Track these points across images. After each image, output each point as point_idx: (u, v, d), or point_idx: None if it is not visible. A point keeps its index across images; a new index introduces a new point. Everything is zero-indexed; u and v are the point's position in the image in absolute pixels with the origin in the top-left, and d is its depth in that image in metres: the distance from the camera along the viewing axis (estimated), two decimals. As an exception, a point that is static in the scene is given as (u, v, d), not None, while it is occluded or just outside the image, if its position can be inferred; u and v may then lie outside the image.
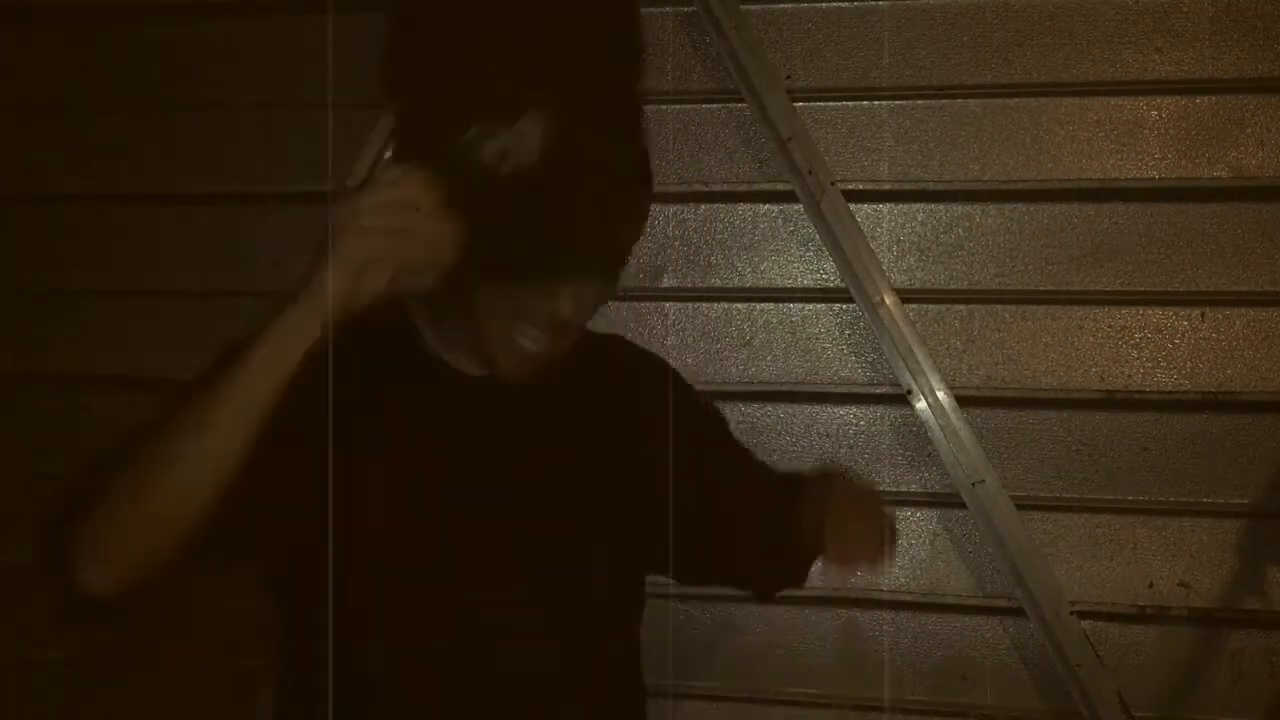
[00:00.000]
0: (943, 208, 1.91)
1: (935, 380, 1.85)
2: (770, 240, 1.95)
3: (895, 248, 1.92)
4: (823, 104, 1.93)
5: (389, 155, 1.07)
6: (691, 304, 1.97)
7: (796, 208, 1.93)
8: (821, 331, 1.95)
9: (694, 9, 1.93)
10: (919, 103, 1.91)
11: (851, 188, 1.89)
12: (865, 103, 1.93)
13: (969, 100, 1.90)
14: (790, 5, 1.94)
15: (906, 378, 1.86)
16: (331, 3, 2.02)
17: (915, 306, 1.89)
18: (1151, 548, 1.87)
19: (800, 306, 1.95)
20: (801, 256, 1.95)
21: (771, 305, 1.96)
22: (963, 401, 1.86)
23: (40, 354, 2.12)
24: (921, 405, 1.86)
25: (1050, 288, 1.89)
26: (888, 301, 1.86)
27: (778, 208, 1.95)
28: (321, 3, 2.02)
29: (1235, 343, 1.85)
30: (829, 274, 1.93)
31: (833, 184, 1.87)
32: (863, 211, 1.90)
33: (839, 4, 1.93)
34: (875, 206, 1.92)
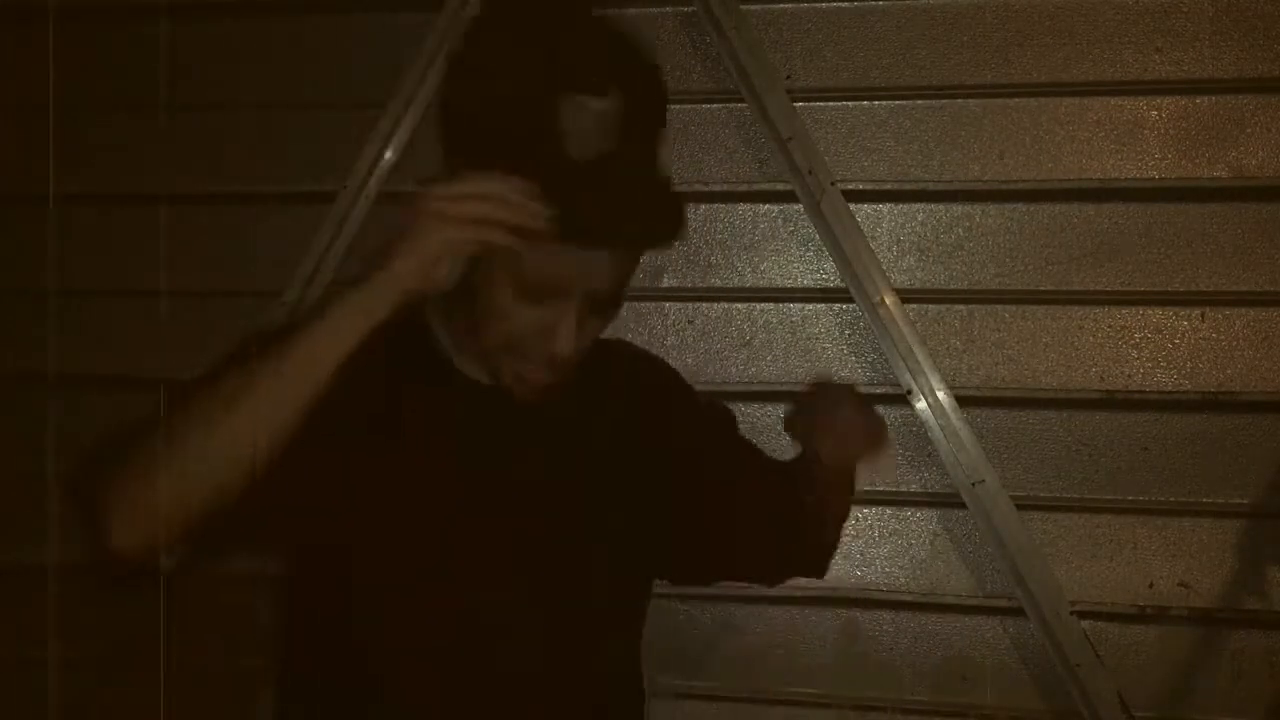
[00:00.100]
0: (943, 208, 1.91)
1: (935, 380, 1.86)
2: (770, 240, 1.95)
3: (895, 248, 1.92)
4: (823, 104, 1.93)
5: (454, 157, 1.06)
6: (691, 304, 1.97)
7: (796, 208, 1.93)
8: (821, 331, 1.95)
9: (694, 9, 1.93)
10: (919, 103, 1.91)
11: (851, 188, 1.89)
12: (865, 103, 1.93)
13: (969, 100, 1.90)
14: (790, 5, 1.94)
15: (906, 378, 1.86)
16: (332, 3, 2.03)
17: (915, 306, 1.89)
18: (1151, 548, 1.87)
19: (800, 306, 1.95)
20: (801, 256, 1.95)
21: (771, 305, 1.96)
22: (963, 401, 1.86)
23: (40, 354, 2.12)
24: (921, 405, 1.86)
25: (1050, 288, 1.89)
26: (888, 301, 1.86)
27: (778, 208, 1.95)
28: (322, 3, 2.03)
29: (1235, 343, 1.85)
30: (829, 274, 1.93)
31: (833, 184, 1.88)
32: (863, 211, 1.90)
33: (839, 4, 1.93)
34: (875, 206, 1.92)
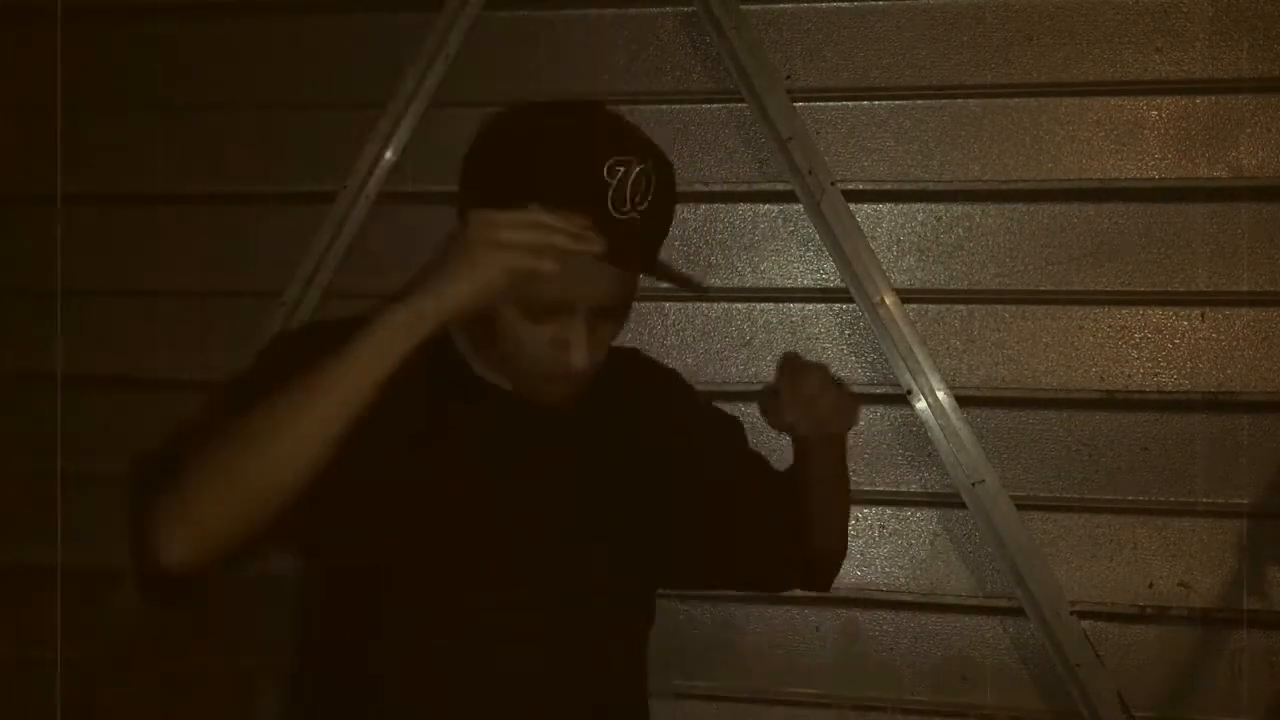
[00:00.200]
0: (943, 208, 1.91)
1: (935, 380, 1.86)
2: (770, 240, 1.95)
3: (895, 248, 1.92)
4: (823, 104, 1.93)
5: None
6: (691, 304, 1.97)
7: (796, 208, 1.93)
8: (821, 331, 1.95)
9: (694, 9, 1.93)
10: (919, 103, 1.91)
11: (851, 188, 1.89)
12: (865, 103, 1.93)
13: (969, 100, 1.90)
14: (790, 5, 1.94)
15: (906, 378, 1.86)
16: (332, 3, 2.03)
17: (915, 306, 1.89)
18: (1151, 548, 1.87)
19: (800, 306, 1.95)
20: (801, 256, 1.95)
21: (771, 305, 1.96)
22: (963, 401, 1.86)
23: (40, 354, 2.12)
24: (921, 405, 1.86)
25: (1050, 288, 1.89)
26: (888, 301, 1.86)
27: (778, 208, 1.95)
28: (321, 3, 2.03)
29: (1235, 343, 1.85)
30: (829, 274, 1.93)
31: (833, 184, 1.87)
32: (863, 211, 1.90)
33: (839, 4, 1.93)
34: (875, 206, 1.92)
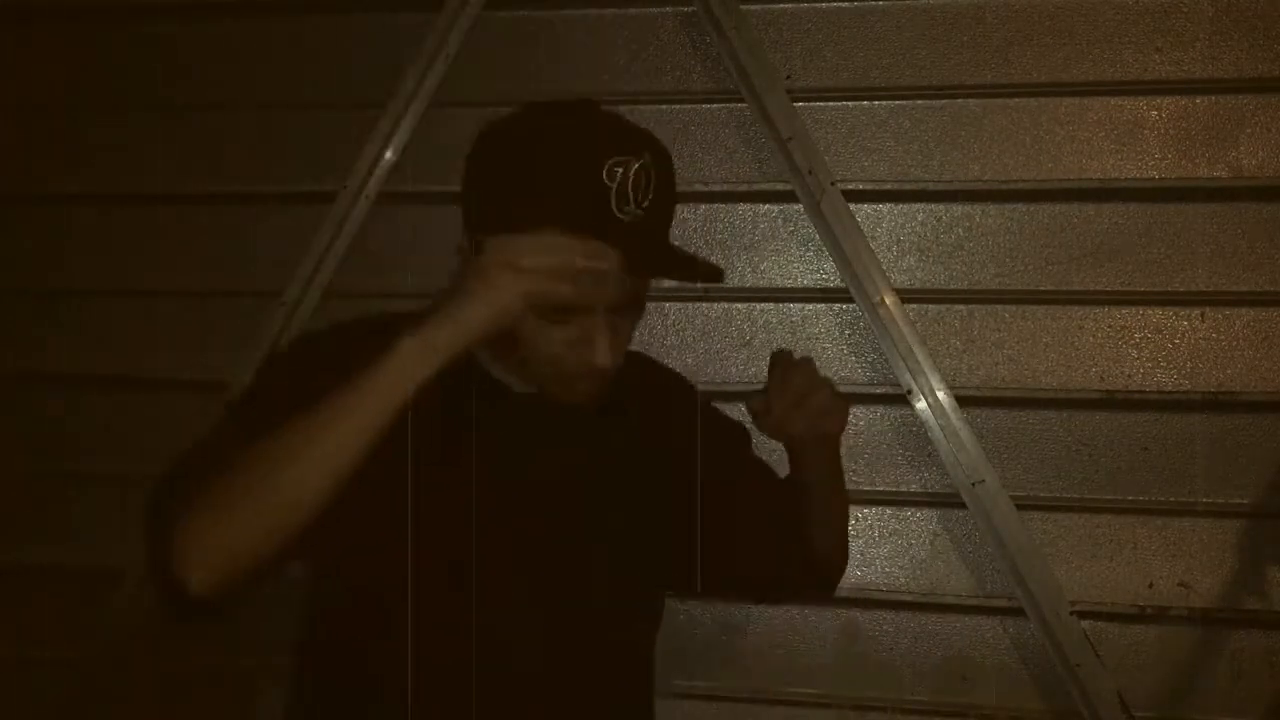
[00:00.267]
0: (943, 208, 1.91)
1: (935, 380, 1.86)
2: (770, 240, 1.95)
3: (895, 248, 1.92)
4: (823, 104, 1.93)
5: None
6: (691, 304, 1.97)
7: (796, 208, 1.93)
8: (821, 331, 1.95)
9: (694, 9, 1.93)
10: (919, 103, 1.91)
11: (851, 188, 1.89)
12: (865, 103, 1.93)
13: (969, 100, 1.90)
14: (790, 5, 1.94)
15: (906, 378, 1.86)
16: (332, 3, 2.03)
17: (915, 306, 1.89)
18: (1151, 548, 1.87)
19: (800, 306, 1.95)
20: (801, 256, 1.95)
21: (771, 305, 1.96)
22: (963, 401, 1.86)
23: (40, 354, 2.12)
24: (921, 405, 1.86)
25: (1050, 288, 1.89)
26: (888, 301, 1.86)
27: (778, 208, 1.95)
28: (321, 3, 2.03)
29: (1235, 343, 1.85)
30: (829, 274, 1.93)
31: (833, 184, 1.88)
32: (863, 211, 1.90)
33: (839, 4, 1.93)
34: (875, 206, 1.92)
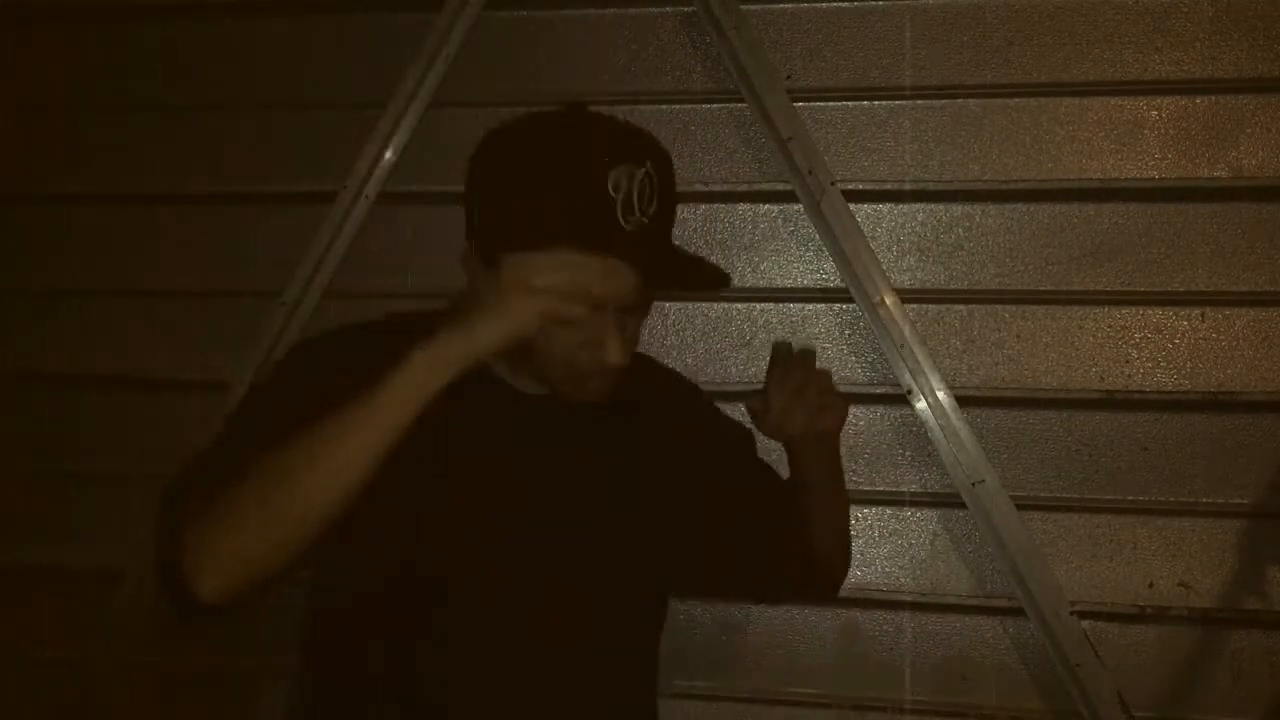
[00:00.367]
0: (943, 208, 1.91)
1: (935, 380, 1.86)
2: (770, 240, 1.95)
3: (895, 248, 1.92)
4: (823, 104, 1.93)
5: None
6: (691, 304, 1.97)
7: (796, 208, 1.93)
8: (821, 331, 1.95)
9: (694, 9, 1.93)
10: (918, 102, 1.91)
11: (851, 188, 1.89)
12: (865, 103, 1.93)
13: (969, 100, 1.90)
14: (790, 5, 1.94)
15: (906, 378, 1.86)
16: (332, 3, 2.03)
17: (915, 306, 1.89)
18: (1151, 548, 1.87)
19: (800, 306, 1.95)
20: (801, 256, 1.95)
21: (771, 305, 1.96)
22: (963, 401, 1.86)
23: (40, 354, 2.12)
24: (921, 405, 1.86)
25: (1050, 288, 1.89)
26: (888, 301, 1.86)
27: (778, 208, 1.95)
28: (321, 3, 2.03)
29: (1235, 343, 1.85)
30: (829, 274, 1.93)
31: (833, 184, 1.87)
32: (863, 211, 1.90)
33: (839, 4, 1.93)
34: (875, 206, 1.92)
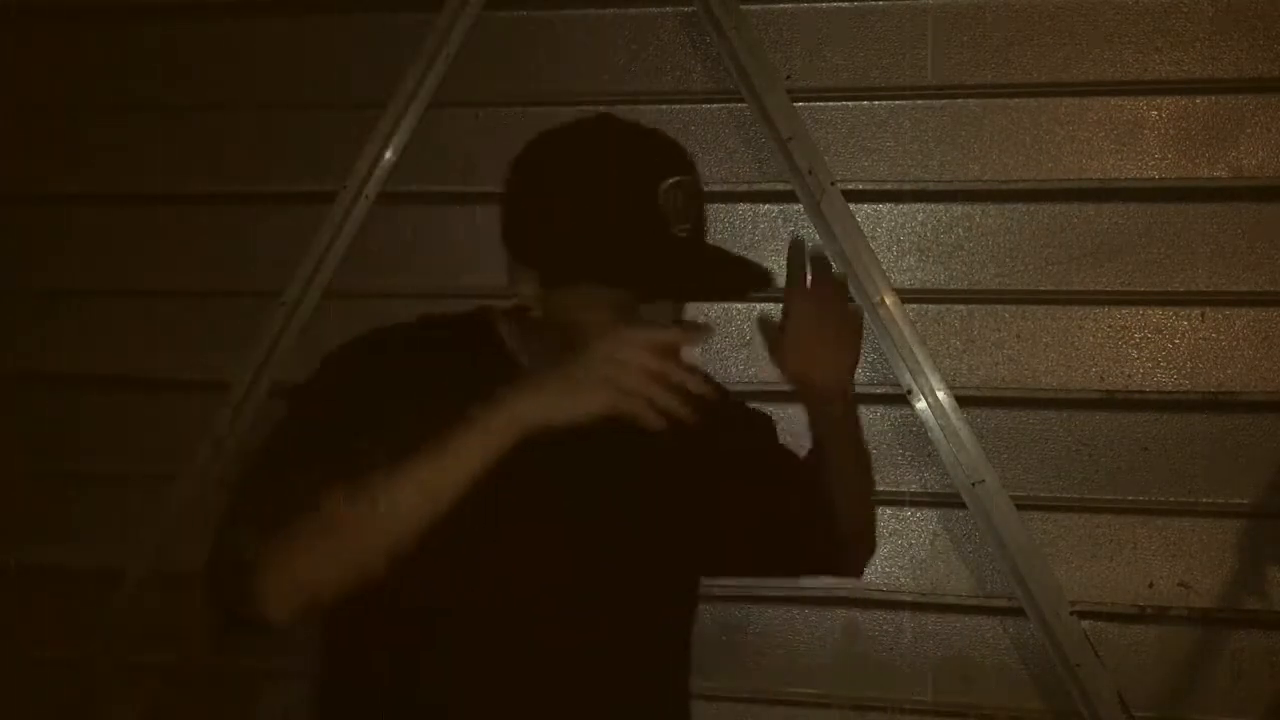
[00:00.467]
0: (943, 208, 1.91)
1: (935, 380, 1.86)
2: (770, 240, 1.95)
3: (895, 248, 1.92)
4: (823, 104, 1.93)
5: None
6: (691, 304, 1.96)
7: (796, 208, 1.93)
8: (821, 331, 1.94)
9: (694, 9, 1.93)
10: (919, 103, 1.91)
11: (851, 188, 1.89)
12: (865, 103, 1.93)
13: (969, 100, 1.90)
14: (790, 5, 1.94)
15: (906, 378, 1.86)
16: (332, 3, 2.03)
17: (915, 306, 1.89)
18: (1151, 548, 1.87)
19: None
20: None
21: (772, 305, 1.95)
22: (963, 401, 1.86)
23: (40, 354, 2.12)
24: (921, 405, 1.86)
25: (1050, 288, 1.89)
26: (888, 301, 1.86)
27: (778, 208, 1.95)
28: (321, 3, 2.03)
29: (1235, 343, 1.85)
30: (829, 274, 1.93)
31: (833, 184, 1.87)
32: (863, 211, 1.90)
33: (839, 4, 1.93)
34: (875, 206, 1.92)
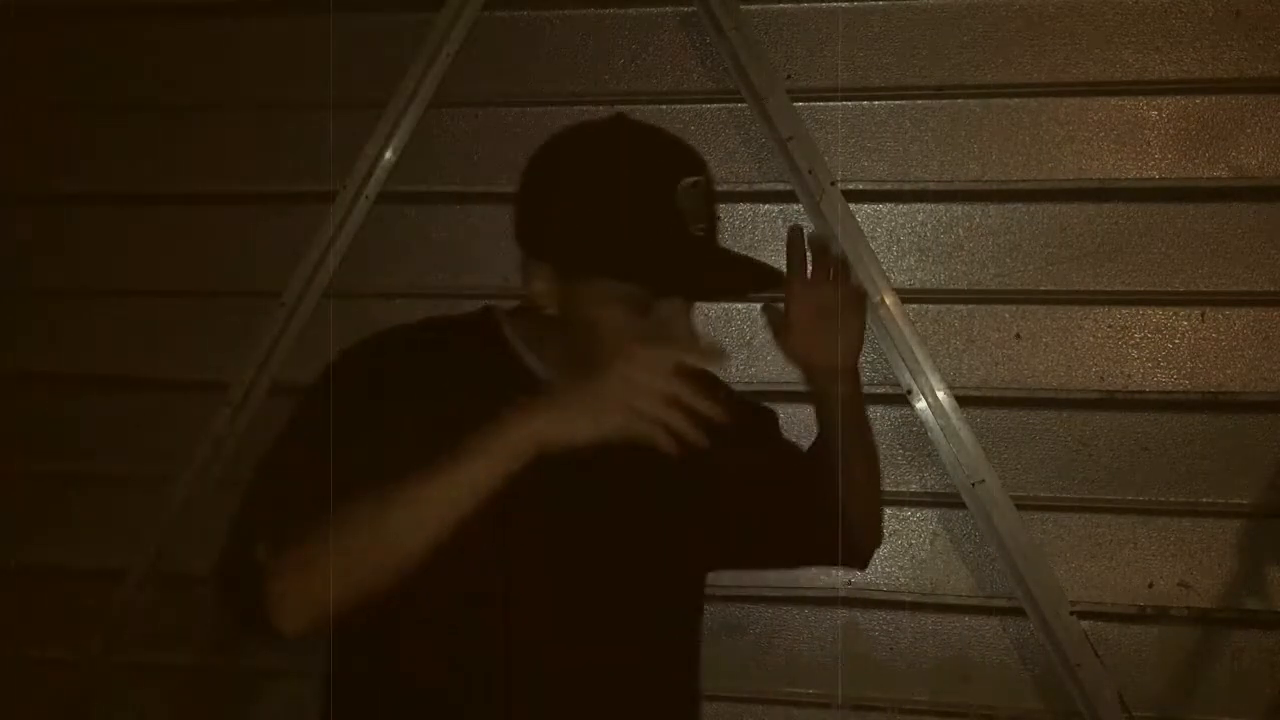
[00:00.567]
0: (943, 208, 1.91)
1: (935, 380, 1.86)
2: (770, 240, 1.95)
3: (895, 248, 1.92)
4: (823, 104, 1.93)
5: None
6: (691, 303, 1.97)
7: (796, 208, 1.92)
8: (821, 331, 1.94)
9: (694, 9, 1.93)
10: (919, 103, 1.91)
11: (851, 188, 1.89)
12: (865, 103, 1.93)
13: (969, 100, 1.90)
14: (790, 5, 1.94)
15: (906, 378, 1.86)
16: (332, 3, 2.03)
17: (915, 306, 1.89)
18: (1151, 548, 1.87)
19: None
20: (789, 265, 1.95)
21: (775, 300, 1.96)
22: (963, 401, 1.86)
23: (40, 354, 2.12)
24: (921, 405, 1.86)
25: (1050, 288, 1.89)
26: (888, 301, 1.86)
27: (778, 208, 1.95)
28: (322, 3, 2.03)
29: (1235, 343, 1.85)
30: (829, 274, 1.93)
31: (833, 184, 1.87)
32: (863, 211, 1.90)
33: (839, 4, 1.93)
34: (875, 206, 1.92)
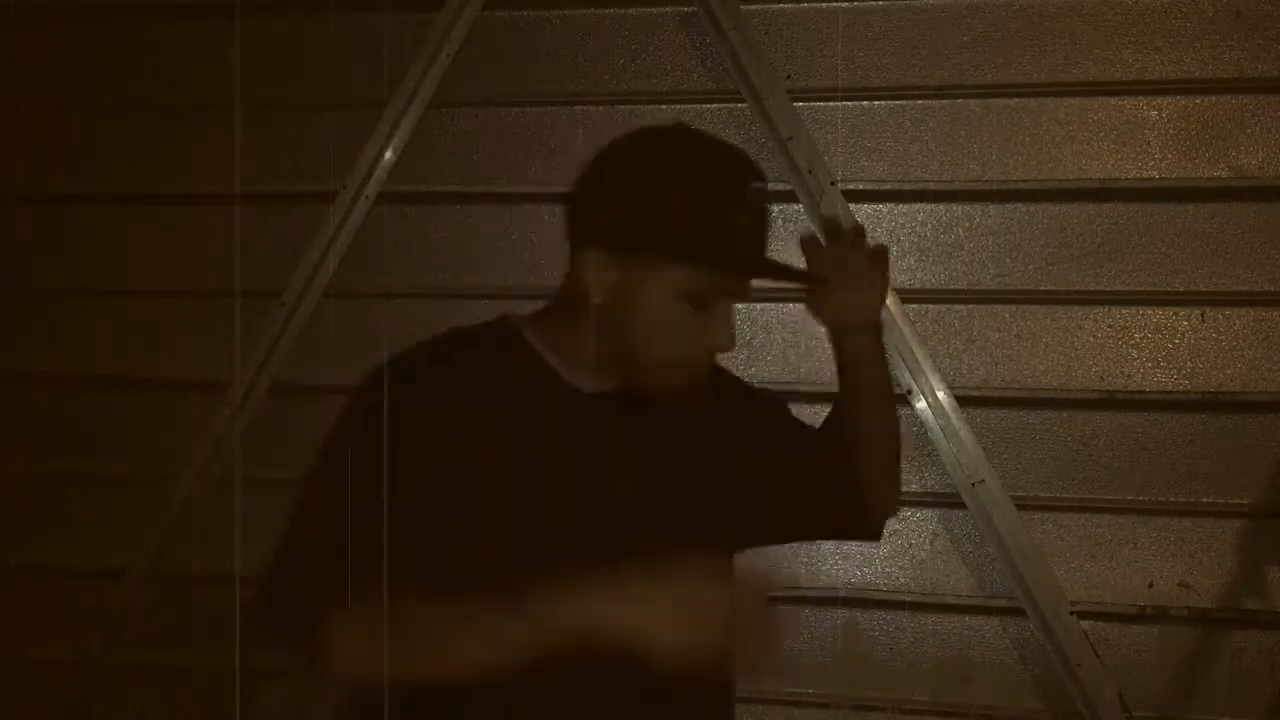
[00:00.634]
0: (943, 208, 1.91)
1: (935, 380, 1.86)
2: (770, 241, 1.95)
3: (895, 248, 1.92)
4: (823, 104, 1.93)
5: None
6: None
7: (796, 208, 1.93)
8: (821, 331, 1.93)
9: (694, 9, 1.93)
10: (919, 103, 1.91)
11: (851, 188, 1.89)
12: (865, 103, 1.93)
13: (969, 100, 1.90)
14: (790, 5, 1.94)
15: (906, 378, 1.86)
16: (332, 3, 2.03)
17: (915, 306, 1.89)
18: (1151, 548, 1.87)
19: (800, 306, 1.94)
20: (801, 257, 1.94)
21: (772, 305, 1.96)
22: (963, 401, 1.86)
23: (40, 354, 2.12)
24: (921, 405, 1.86)
25: (1050, 288, 1.89)
26: (888, 301, 1.86)
27: (777, 208, 1.95)
28: (322, 3, 2.03)
29: (1235, 343, 1.85)
30: (829, 274, 1.93)
31: (833, 184, 1.87)
32: (863, 211, 1.90)
33: (839, 4, 1.93)
34: (875, 206, 1.92)
